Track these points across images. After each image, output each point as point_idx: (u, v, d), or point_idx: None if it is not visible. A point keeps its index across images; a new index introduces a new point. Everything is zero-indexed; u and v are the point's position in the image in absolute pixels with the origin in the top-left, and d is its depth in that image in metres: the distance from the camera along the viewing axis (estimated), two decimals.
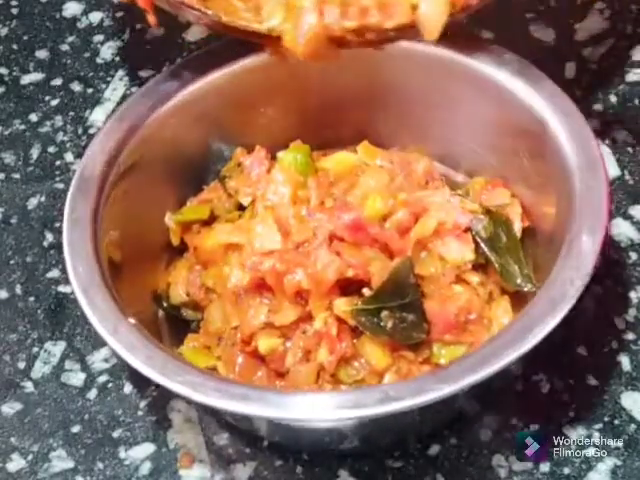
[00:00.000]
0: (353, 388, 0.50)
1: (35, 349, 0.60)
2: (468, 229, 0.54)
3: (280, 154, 0.57)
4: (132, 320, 0.49)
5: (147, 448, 0.55)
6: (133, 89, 0.71)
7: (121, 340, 0.48)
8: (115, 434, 0.56)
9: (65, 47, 0.76)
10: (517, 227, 0.55)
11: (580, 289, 0.47)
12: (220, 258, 0.54)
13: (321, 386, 0.51)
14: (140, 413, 0.57)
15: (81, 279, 0.50)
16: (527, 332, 0.46)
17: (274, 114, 0.60)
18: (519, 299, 0.53)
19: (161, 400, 0.57)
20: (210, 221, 0.57)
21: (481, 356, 0.46)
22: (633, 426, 0.54)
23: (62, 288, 0.62)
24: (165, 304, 0.57)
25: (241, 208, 0.57)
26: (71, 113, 0.71)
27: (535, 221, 0.56)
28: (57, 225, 0.65)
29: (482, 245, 0.53)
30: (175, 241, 0.58)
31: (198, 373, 0.47)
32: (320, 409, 0.45)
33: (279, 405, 0.45)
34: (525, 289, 0.53)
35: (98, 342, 0.58)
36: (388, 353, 0.51)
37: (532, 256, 0.54)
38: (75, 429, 0.57)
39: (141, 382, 0.56)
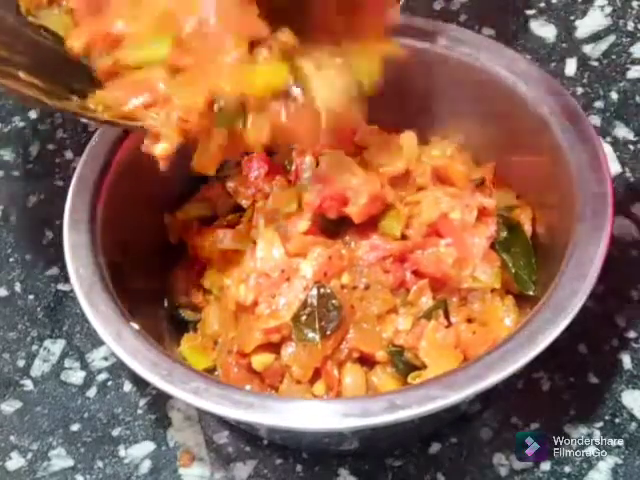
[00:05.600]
0: (357, 396, 0.50)
1: (34, 347, 0.60)
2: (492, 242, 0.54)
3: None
4: (135, 325, 0.49)
5: (147, 446, 0.55)
6: None
7: (125, 346, 0.48)
8: (115, 432, 0.56)
9: None
10: (527, 231, 0.55)
11: (584, 298, 0.47)
12: (219, 259, 0.54)
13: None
14: (140, 411, 0.57)
15: (82, 282, 0.50)
16: (532, 341, 0.46)
17: None
18: (520, 299, 0.53)
19: (161, 398, 0.57)
20: (209, 220, 0.57)
21: (486, 364, 0.45)
22: (634, 424, 0.54)
23: (61, 286, 0.62)
24: (165, 304, 0.56)
25: (240, 207, 0.56)
26: None
27: (537, 223, 0.55)
28: (57, 223, 0.64)
29: (498, 249, 0.53)
30: (174, 240, 0.57)
31: (203, 380, 0.46)
32: (326, 418, 0.45)
33: (284, 413, 0.45)
34: (532, 293, 0.53)
35: (97, 340, 0.58)
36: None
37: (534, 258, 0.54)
38: (75, 427, 0.57)
39: (141, 381, 0.56)
